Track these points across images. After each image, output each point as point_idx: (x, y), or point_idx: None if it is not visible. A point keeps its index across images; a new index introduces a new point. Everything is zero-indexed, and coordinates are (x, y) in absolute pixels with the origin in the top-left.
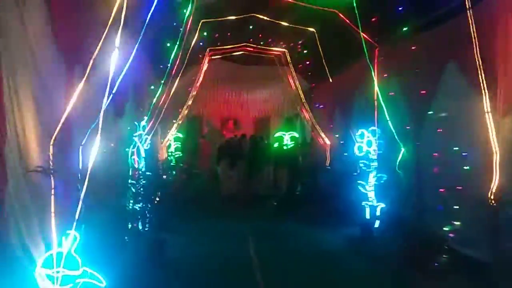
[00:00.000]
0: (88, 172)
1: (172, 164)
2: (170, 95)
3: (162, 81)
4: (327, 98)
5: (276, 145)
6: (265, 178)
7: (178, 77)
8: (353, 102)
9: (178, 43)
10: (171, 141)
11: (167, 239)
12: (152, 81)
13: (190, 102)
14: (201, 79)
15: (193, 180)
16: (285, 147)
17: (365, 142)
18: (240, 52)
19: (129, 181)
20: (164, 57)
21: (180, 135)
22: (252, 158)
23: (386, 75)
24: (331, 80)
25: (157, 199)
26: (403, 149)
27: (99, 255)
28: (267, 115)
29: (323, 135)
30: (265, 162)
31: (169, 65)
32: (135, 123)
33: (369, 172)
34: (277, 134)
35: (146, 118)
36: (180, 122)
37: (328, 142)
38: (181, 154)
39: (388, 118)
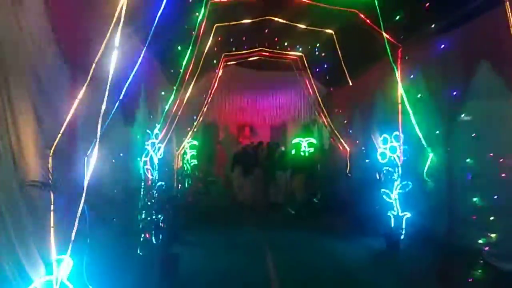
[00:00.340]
0: (86, 184)
1: (187, 172)
2: (184, 102)
3: (175, 87)
4: (347, 103)
5: (293, 151)
6: (282, 185)
7: (192, 83)
8: (374, 106)
9: (191, 47)
10: (187, 149)
11: (182, 252)
12: (164, 87)
13: (205, 109)
14: (216, 85)
15: (209, 188)
16: (302, 154)
17: (388, 148)
18: (256, 57)
19: (141, 192)
20: (176, 62)
21: (196, 142)
22: (268, 165)
23: (411, 76)
24: (350, 84)
25: (171, 209)
26: (431, 155)
27: (110, 270)
28: (284, 121)
29: (342, 141)
30: (282, 169)
31: (181, 70)
32: (148, 131)
33: (393, 180)
34: (294, 141)
35: (158, 125)
36: (195, 129)
37: (348, 148)
38: (196, 162)
39: (414, 122)
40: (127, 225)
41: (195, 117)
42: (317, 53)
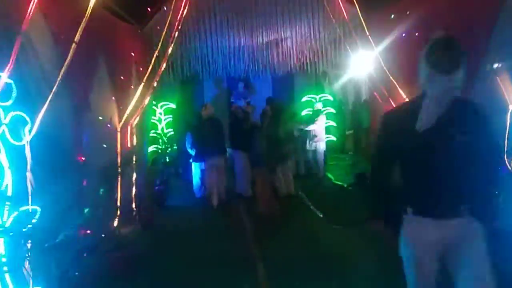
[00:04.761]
0: None
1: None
2: (87, 16)
3: None
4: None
5: (304, 113)
6: (292, 167)
7: None
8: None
9: None
10: (160, 115)
11: None
12: None
13: (169, 51)
14: (185, 13)
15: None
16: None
17: None
18: None
19: None
20: None
21: (173, 105)
22: (272, 136)
23: None
24: None
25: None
26: None
27: None
28: (292, 69)
29: (402, 92)
30: (291, 140)
31: None
32: None
33: None
34: (304, 98)
35: None
36: (155, 84)
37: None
38: (173, 132)
39: None
40: None
41: (146, 62)
42: None
